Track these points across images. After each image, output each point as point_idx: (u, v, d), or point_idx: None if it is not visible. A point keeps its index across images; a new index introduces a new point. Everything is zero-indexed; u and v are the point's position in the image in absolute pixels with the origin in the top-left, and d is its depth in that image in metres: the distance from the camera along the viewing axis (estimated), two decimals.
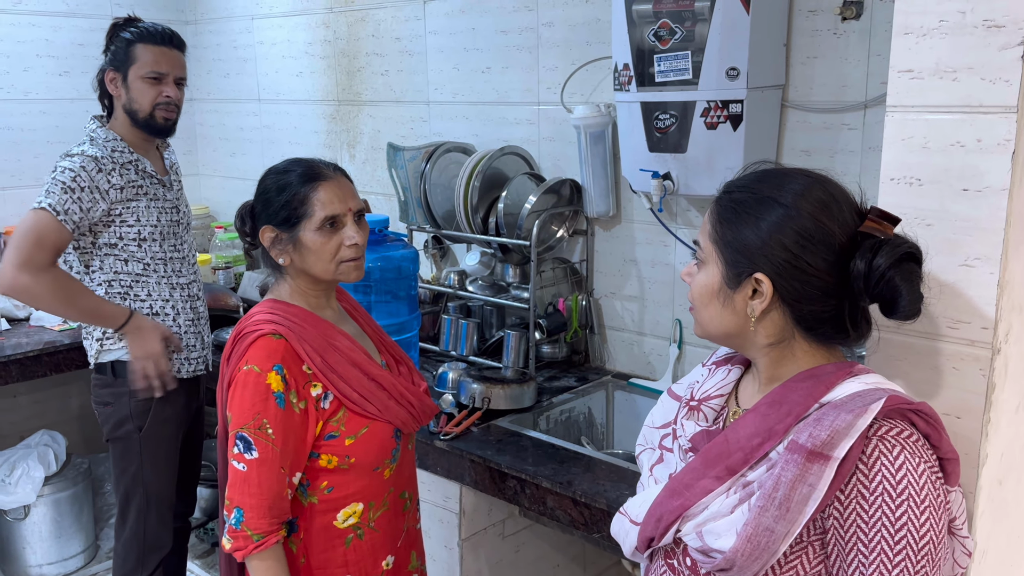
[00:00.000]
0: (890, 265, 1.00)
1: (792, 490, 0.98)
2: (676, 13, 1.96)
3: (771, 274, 1.04)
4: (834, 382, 1.05)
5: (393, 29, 2.89)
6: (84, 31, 3.36)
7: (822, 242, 1.02)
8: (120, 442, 2.22)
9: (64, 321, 2.95)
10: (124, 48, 2.17)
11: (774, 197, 1.05)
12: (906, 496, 0.96)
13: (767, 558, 1.00)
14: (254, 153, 3.53)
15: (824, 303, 1.04)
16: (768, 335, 1.08)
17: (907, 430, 1.00)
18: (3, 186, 3.22)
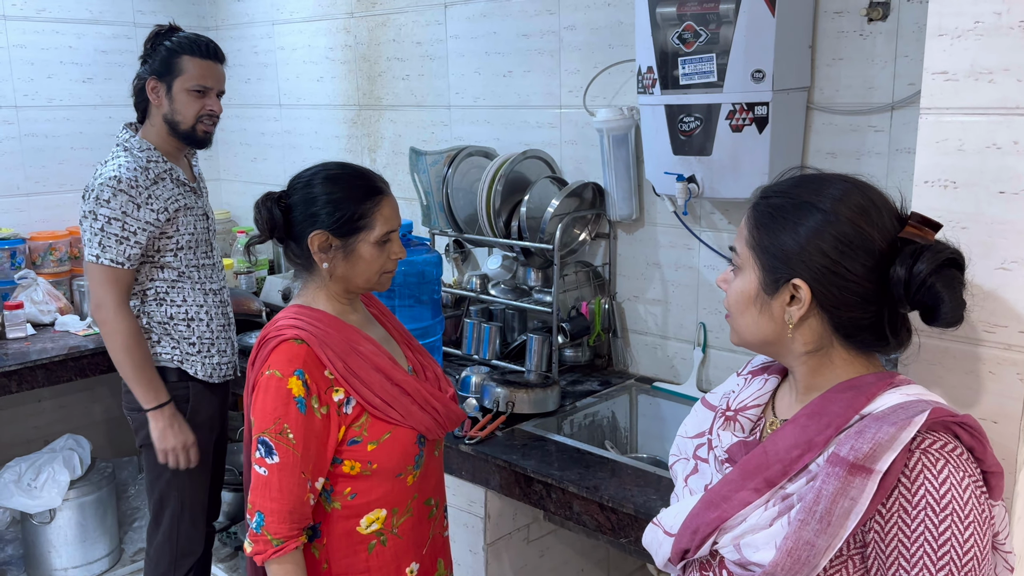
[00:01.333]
0: (931, 271, 0.99)
1: (834, 503, 0.97)
2: (701, 16, 1.95)
3: (809, 280, 1.03)
4: (875, 393, 1.03)
5: (414, 34, 2.90)
6: (107, 38, 3.39)
7: (862, 248, 1.01)
8: (154, 448, 2.23)
9: (88, 326, 2.97)
10: (169, 58, 2.16)
11: (813, 202, 1.04)
12: (950, 511, 0.94)
13: (808, 572, 0.99)
14: (275, 158, 3.55)
15: (863, 310, 1.03)
16: (806, 342, 1.07)
17: (951, 443, 0.98)
18: (28, 192, 3.25)
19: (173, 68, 2.16)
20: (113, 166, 2.11)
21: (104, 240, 2.07)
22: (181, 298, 2.23)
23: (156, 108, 2.19)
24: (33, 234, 3.20)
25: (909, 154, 1.90)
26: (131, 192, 2.09)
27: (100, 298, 2.09)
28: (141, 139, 2.19)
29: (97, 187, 2.08)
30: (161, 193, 2.15)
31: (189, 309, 2.25)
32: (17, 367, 2.66)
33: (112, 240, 2.07)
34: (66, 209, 3.32)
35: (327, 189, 1.52)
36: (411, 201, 3.00)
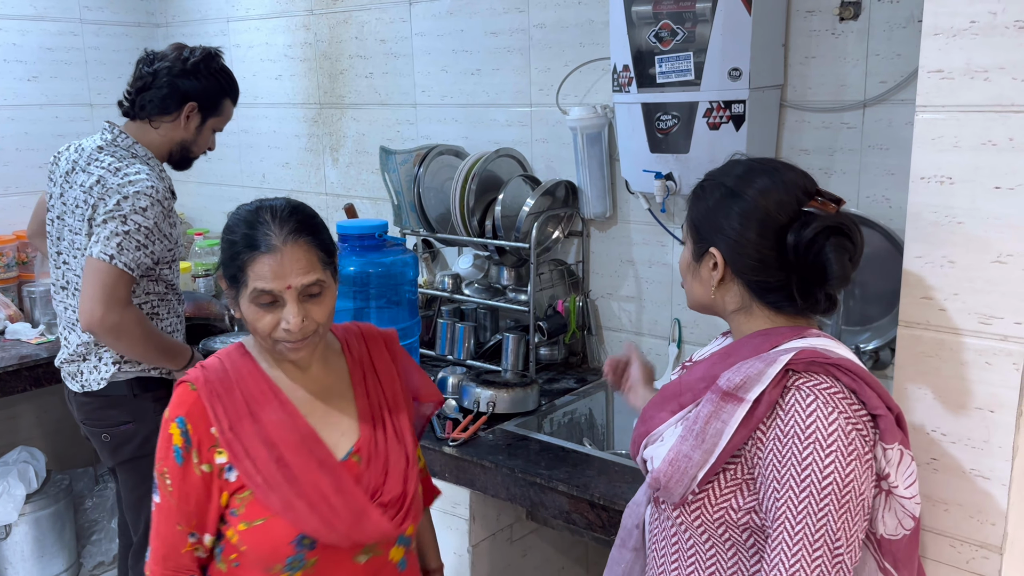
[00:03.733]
0: (815, 235, 1.13)
1: (708, 424, 1.14)
2: (677, 14, 1.97)
3: (723, 249, 1.20)
4: (780, 341, 1.17)
5: (377, 31, 2.86)
6: (52, 35, 3.27)
7: (761, 221, 1.16)
8: (146, 459, 2.11)
9: (41, 334, 2.86)
10: (216, 95, 2.17)
11: (723, 183, 1.22)
12: (813, 440, 1.08)
13: (687, 482, 1.16)
14: (231, 158, 3.47)
15: (769, 274, 1.18)
16: (730, 302, 1.24)
17: (825, 383, 1.11)
18: None
19: (217, 106, 2.18)
20: (143, 175, 2.02)
21: (124, 243, 1.97)
22: (167, 311, 2.18)
23: (176, 129, 2.14)
24: None
25: (881, 150, 1.94)
26: (164, 204, 2.03)
27: (103, 304, 1.96)
28: (144, 148, 2.12)
29: (133, 194, 1.98)
30: (174, 206, 2.11)
31: (173, 322, 2.20)
32: None
33: (132, 246, 1.98)
34: (11, 212, 3.19)
35: (226, 228, 1.34)
36: (375, 200, 2.98)
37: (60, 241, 2.16)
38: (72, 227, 2.11)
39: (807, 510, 1.06)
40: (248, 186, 3.43)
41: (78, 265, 2.11)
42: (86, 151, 2.11)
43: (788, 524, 1.08)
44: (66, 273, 2.17)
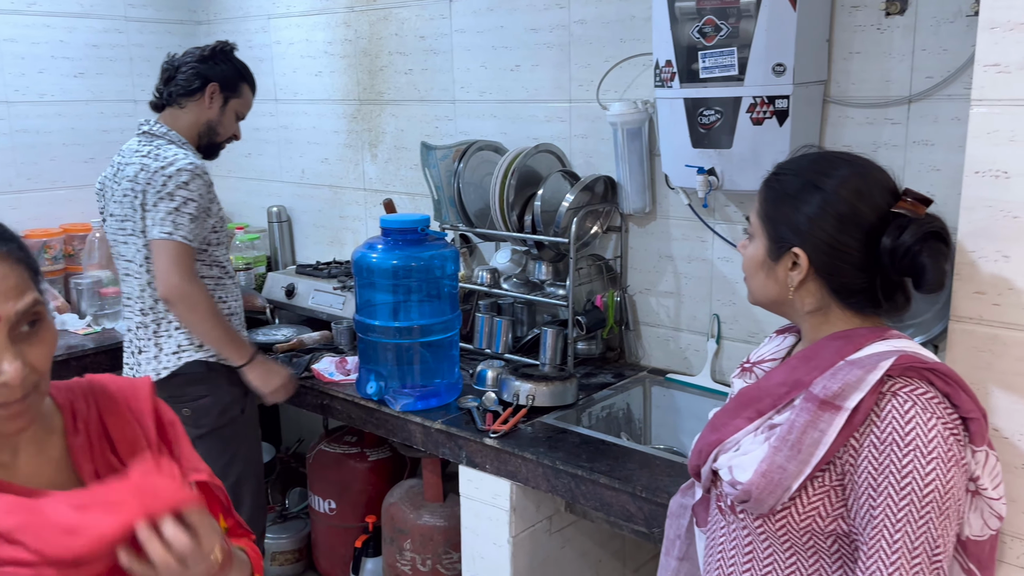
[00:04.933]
0: (915, 242, 1.11)
1: (803, 434, 1.10)
2: (721, 10, 1.97)
3: (808, 250, 1.17)
4: (863, 344, 1.15)
5: (417, 28, 2.88)
6: (98, 32, 3.33)
7: (855, 223, 1.14)
8: (227, 428, 2.27)
9: (88, 325, 2.92)
10: (235, 79, 2.33)
11: (816, 183, 1.17)
12: (913, 447, 1.05)
13: (780, 493, 1.12)
14: (270, 154, 3.51)
15: (856, 276, 1.16)
16: (807, 303, 1.21)
17: (922, 388, 1.09)
18: (21, 189, 3.18)
19: (236, 88, 2.32)
20: (180, 155, 2.15)
21: (177, 219, 2.10)
22: (226, 293, 2.28)
23: (202, 109, 2.28)
24: (27, 232, 3.13)
25: (927, 146, 1.93)
26: (205, 178, 2.17)
27: (177, 273, 2.11)
28: (177, 133, 2.25)
29: (174, 172, 2.12)
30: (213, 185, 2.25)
31: (232, 304, 2.29)
32: None
33: (185, 219, 2.11)
34: (58, 206, 3.26)
35: None
36: (413, 196, 3.00)
37: (116, 235, 2.28)
38: (121, 216, 2.22)
39: (907, 518, 1.05)
40: (287, 181, 3.48)
41: (128, 251, 2.22)
42: (127, 151, 2.26)
43: (887, 532, 1.06)
44: (122, 263, 2.29)
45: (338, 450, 2.76)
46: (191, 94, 2.27)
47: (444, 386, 2.23)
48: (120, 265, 2.31)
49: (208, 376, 2.25)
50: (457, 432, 2.08)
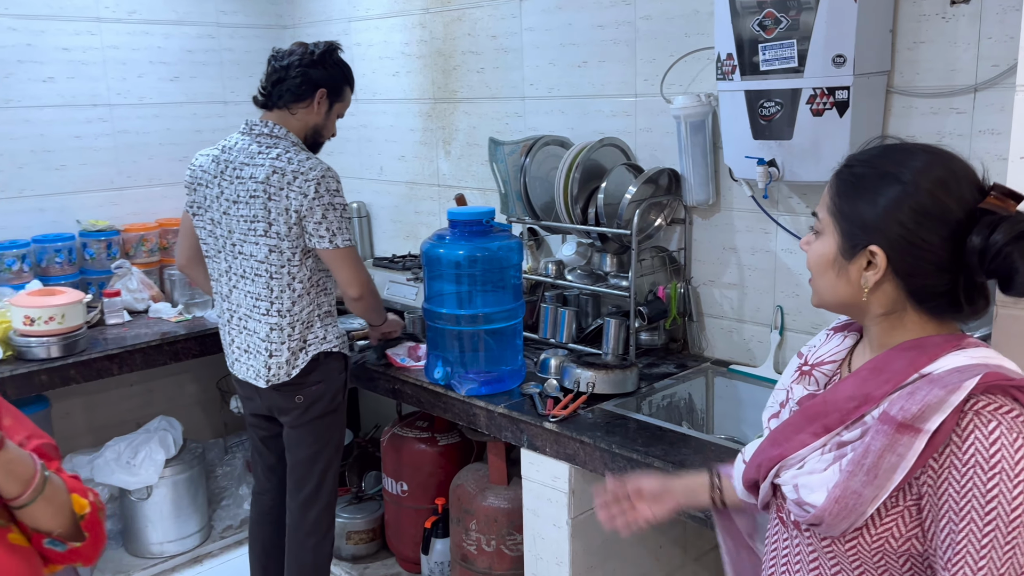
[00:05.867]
0: (1008, 241, 1.01)
1: (880, 458, 1.02)
2: (781, 3, 1.99)
3: (886, 248, 1.07)
4: (938, 354, 1.07)
5: (489, 27, 2.97)
6: (192, 38, 3.54)
7: (939, 219, 1.04)
8: (331, 415, 2.42)
9: (179, 313, 3.12)
10: (341, 83, 2.40)
11: (894, 173, 1.07)
12: (999, 469, 0.98)
13: (854, 518, 1.05)
14: (351, 152, 3.66)
15: (938, 277, 1.06)
16: (881, 305, 1.11)
17: (1007, 406, 1.00)
18: (121, 186, 3.41)
19: (340, 92, 2.40)
20: (314, 160, 2.24)
21: (348, 225, 2.26)
22: (332, 285, 2.39)
23: (311, 113, 2.34)
24: (126, 226, 3.37)
25: (992, 135, 1.91)
26: (340, 179, 2.28)
27: (363, 272, 2.32)
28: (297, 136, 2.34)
29: (320, 179, 2.20)
30: None
31: (336, 295, 2.41)
32: (117, 351, 2.81)
33: (346, 223, 2.26)
34: (155, 203, 3.48)
35: None
36: (484, 191, 3.09)
37: (233, 234, 2.30)
38: (246, 217, 2.25)
39: (993, 543, 0.98)
40: (367, 178, 3.62)
41: (258, 252, 2.25)
42: (239, 149, 2.29)
43: (970, 558, 0.99)
44: (244, 262, 2.30)
45: (410, 434, 2.87)
46: (300, 99, 2.31)
47: (508, 372, 2.31)
48: (241, 264, 2.30)
49: (323, 365, 2.36)
50: (519, 416, 2.16)
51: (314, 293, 2.32)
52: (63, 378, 2.71)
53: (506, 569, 2.49)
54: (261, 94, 2.35)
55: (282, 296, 2.28)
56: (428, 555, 2.78)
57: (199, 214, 2.39)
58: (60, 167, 3.25)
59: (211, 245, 2.39)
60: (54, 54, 3.19)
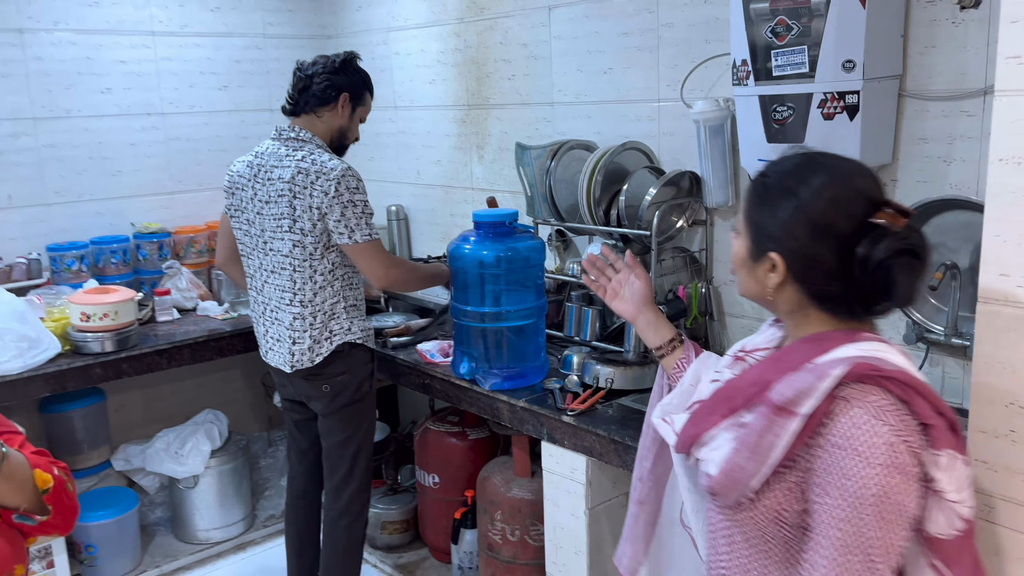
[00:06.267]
0: (888, 255, 1.13)
1: (761, 437, 1.16)
2: (793, 10, 2.05)
3: (784, 256, 1.19)
4: (832, 347, 1.18)
5: (520, 36, 3.07)
6: (240, 49, 3.71)
7: (829, 233, 1.16)
8: (359, 403, 2.55)
9: (226, 311, 3.28)
10: (362, 88, 2.56)
11: (794, 190, 1.18)
12: (858, 452, 1.09)
13: (742, 489, 1.19)
14: (390, 157, 3.80)
15: (831, 284, 1.18)
16: (786, 303, 1.24)
17: (874, 394, 1.11)
18: (173, 190, 3.59)
19: (362, 97, 2.55)
20: (336, 161, 2.38)
21: (368, 220, 2.39)
22: (358, 280, 2.52)
23: (334, 116, 2.50)
24: (177, 228, 3.55)
25: None
26: (359, 177, 2.41)
27: (384, 265, 2.42)
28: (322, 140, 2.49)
29: (339, 178, 2.33)
30: None
31: (359, 293, 2.54)
32: (167, 346, 2.98)
33: (368, 217, 2.39)
34: (204, 206, 3.66)
35: None
36: (515, 194, 3.18)
37: (264, 232, 2.45)
38: (275, 215, 2.41)
39: (847, 517, 1.09)
40: (405, 182, 3.75)
41: (284, 247, 2.41)
42: (269, 154, 2.45)
43: (827, 529, 1.11)
44: (273, 258, 2.45)
45: (442, 429, 2.98)
46: (326, 103, 2.47)
47: (530, 368, 2.40)
48: (271, 260, 2.45)
49: (349, 356, 2.50)
50: (539, 410, 2.25)
51: (338, 286, 2.45)
52: (116, 371, 2.88)
53: (529, 558, 2.58)
54: (289, 103, 2.52)
55: (304, 288, 2.42)
56: (457, 545, 2.88)
57: (236, 216, 2.54)
58: (116, 173, 3.44)
59: (246, 244, 2.53)
60: (111, 67, 3.38)
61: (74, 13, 3.27)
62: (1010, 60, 1.26)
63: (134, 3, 3.41)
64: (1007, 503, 1.35)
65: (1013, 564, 1.35)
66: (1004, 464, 1.34)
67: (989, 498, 1.37)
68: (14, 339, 2.70)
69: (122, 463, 3.28)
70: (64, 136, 3.30)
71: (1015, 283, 1.30)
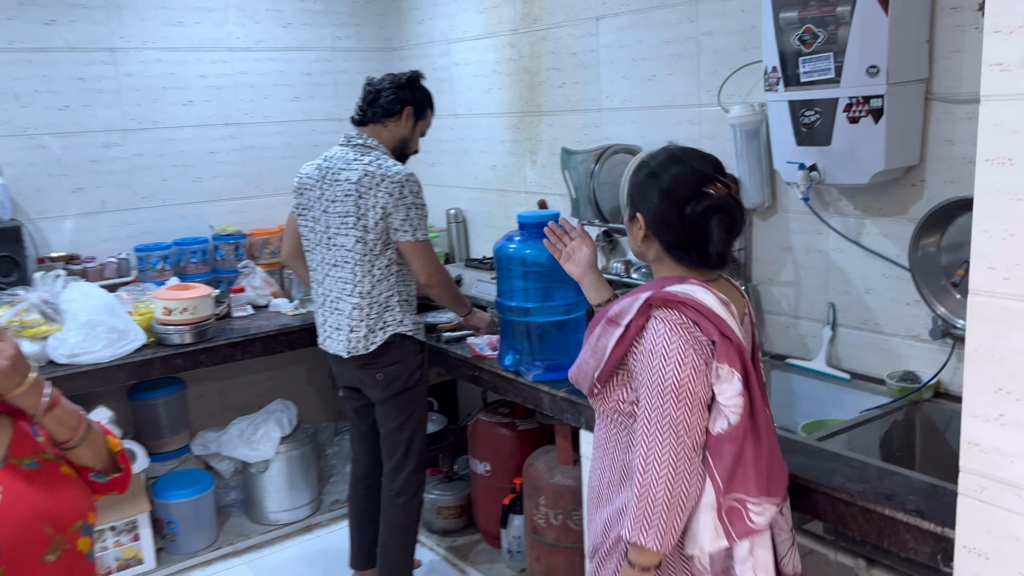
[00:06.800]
0: (703, 212, 1.59)
1: (599, 341, 1.66)
2: (819, 19, 2.14)
3: (646, 216, 1.66)
4: (664, 284, 1.62)
5: (569, 45, 3.22)
6: (310, 62, 3.95)
7: (672, 199, 1.62)
8: (412, 390, 2.76)
9: (296, 308, 3.51)
10: (425, 104, 2.80)
11: (658, 175, 1.65)
12: (658, 352, 1.55)
13: (587, 381, 1.70)
14: (450, 163, 3.98)
15: (674, 236, 1.63)
16: (652, 253, 1.70)
17: (674, 314, 1.56)
18: (248, 195, 3.86)
19: (423, 112, 2.78)
20: (400, 166, 2.61)
21: (424, 223, 2.62)
22: (409, 280, 2.73)
23: (398, 127, 2.73)
24: (252, 231, 3.81)
25: None
26: (420, 183, 2.64)
27: (434, 264, 2.67)
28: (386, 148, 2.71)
29: (404, 181, 2.58)
30: None
31: (412, 290, 2.74)
32: (241, 339, 3.22)
33: (424, 222, 2.63)
34: (277, 210, 3.91)
35: None
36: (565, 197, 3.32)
37: (329, 228, 2.68)
38: (340, 213, 2.63)
39: (656, 403, 1.54)
40: (463, 186, 3.93)
41: (347, 242, 2.63)
42: (338, 158, 2.69)
43: (645, 413, 1.56)
44: (336, 252, 2.67)
45: (493, 420, 3.14)
46: (392, 115, 2.71)
47: (571, 360, 2.52)
48: (334, 254, 2.66)
49: (400, 347, 2.70)
50: (577, 400, 2.39)
51: (393, 280, 2.65)
52: (195, 362, 3.13)
53: (571, 542, 2.72)
54: (358, 113, 2.75)
55: (364, 280, 2.63)
56: (507, 529, 3.03)
57: (303, 214, 2.77)
58: (197, 179, 3.72)
59: (311, 240, 2.76)
60: (193, 81, 3.66)
61: (161, 33, 3.56)
62: (993, 67, 1.35)
63: (214, 21, 3.69)
64: (997, 483, 1.43)
65: (1004, 541, 1.43)
66: (994, 446, 1.42)
67: (982, 479, 1.45)
68: (105, 331, 2.97)
69: (200, 448, 3.54)
70: (151, 146, 3.59)
71: (1001, 276, 1.38)
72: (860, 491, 1.75)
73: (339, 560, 3.23)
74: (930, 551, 1.65)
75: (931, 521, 1.64)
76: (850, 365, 2.46)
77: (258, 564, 3.37)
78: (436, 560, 3.30)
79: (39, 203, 3.37)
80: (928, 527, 1.64)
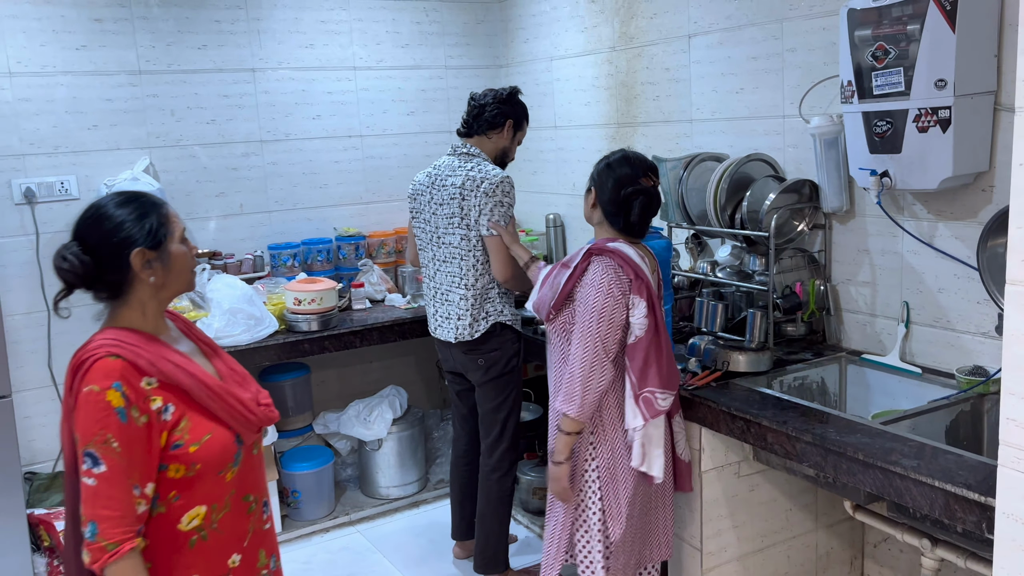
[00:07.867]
0: (628, 194, 2.34)
1: (555, 279, 2.40)
2: (891, 36, 2.32)
3: (597, 191, 2.40)
4: (602, 243, 2.35)
5: (663, 61, 3.45)
6: (425, 79, 4.32)
7: (614, 182, 2.36)
8: (508, 375, 3.06)
9: (408, 302, 3.86)
10: (523, 117, 3.12)
11: (614, 168, 2.38)
12: (591, 285, 2.29)
13: (546, 308, 2.42)
14: (550, 171, 4.27)
15: (610, 207, 2.37)
16: (596, 218, 2.43)
17: (606, 260, 2.30)
18: (368, 201, 4.24)
19: (522, 124, 3.10)
20: (498, 170, 2.94)
21: (504, 217, 2.91)
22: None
23: (500, 138, 3.06)
24: (371, 233, 4.19)
25: None
26: (514, 186, 2.95)
27: (508, 257, 2.92)
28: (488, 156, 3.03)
29: (499, 182, 2.89)
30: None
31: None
32: (360, 328, 3.59)
33: (508, 218, 2.93)
34: (392, 214, 4.28)
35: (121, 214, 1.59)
36: None
37: (438, 228, 3.02)
38: (447, 214, 2.97)
39: (585, 320, 2.28)
40: (562, 193, 4.20)
41: (454, 240, 2.96)
42: (445, 166, 3.03)
43: (580, 327, 2.29)
44: (445, 249, 3.00)
45: None
46: (494, 127, 3.04)
47: None
48: (443, 251, 3.00)
49: (500, 335, 3.01)
50: None
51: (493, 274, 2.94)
52: (320, 347, 3.51)
53: None
54: (463, 126, 3.08)
55: (468, 274, 2.94)
56: None
57: (416, 217, 3.12)
58: (323, 186, 4.13)
59: (423, 239, 3.09)
60: (321, 97, 4.07)
61: (294, 55, 3.99)
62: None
63: (340, 43, 4.09)
64: None
65: None
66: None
67: (1018, 451, 1.61)
68: (244, 317, 3.38)
69: (321, 427, 3.93)
70: (283, 156, 4.02)
71: None
72: (914, 466, 1.92)
73: (443, 531, 3.54)
74: (976, 520, 1.81)
75: (977, 492, 1.80)
76: (923, 360, 2.61)
77: (371, 533, 3.73)
78: (531, 537, 3.57)
79: (188, 205, 3.83)
80: (973, 497, 1.80)
